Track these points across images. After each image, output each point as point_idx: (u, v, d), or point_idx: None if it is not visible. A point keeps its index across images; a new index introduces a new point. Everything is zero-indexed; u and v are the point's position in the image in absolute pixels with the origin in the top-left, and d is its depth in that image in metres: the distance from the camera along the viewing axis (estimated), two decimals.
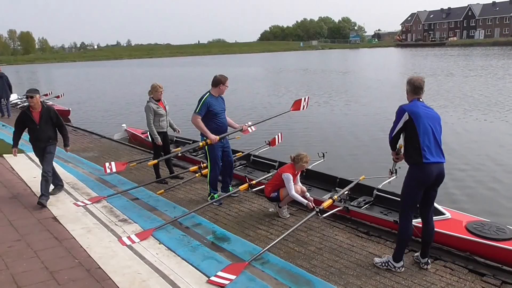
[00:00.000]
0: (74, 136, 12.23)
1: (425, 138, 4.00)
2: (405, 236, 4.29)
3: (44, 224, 5.66)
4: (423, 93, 4.24)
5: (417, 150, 4.01)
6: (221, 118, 6.43)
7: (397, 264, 4.35)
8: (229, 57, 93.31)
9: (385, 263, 4.41)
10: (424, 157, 3.98)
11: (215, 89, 6.36)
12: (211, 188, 6.58)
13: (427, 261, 4.42)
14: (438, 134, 4.09)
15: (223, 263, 4.56)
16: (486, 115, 15.12)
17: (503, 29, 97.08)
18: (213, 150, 6.37)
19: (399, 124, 4.11)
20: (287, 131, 9.40)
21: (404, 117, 4.06)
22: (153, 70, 55.03)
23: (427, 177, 4.04)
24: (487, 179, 8.71)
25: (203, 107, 6.22)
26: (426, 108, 4.16)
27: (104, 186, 7.39)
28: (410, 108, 4.09)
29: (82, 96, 26.89)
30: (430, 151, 4.00)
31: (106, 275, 4.31)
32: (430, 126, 4.04)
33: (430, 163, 4.00)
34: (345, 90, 24.50)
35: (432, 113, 4.16)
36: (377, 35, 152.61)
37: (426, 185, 4.10)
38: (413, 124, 4.02)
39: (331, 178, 7.30)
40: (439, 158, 4.06)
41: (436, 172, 4.05)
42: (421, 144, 3.99)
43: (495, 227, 5.01)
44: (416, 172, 4.09)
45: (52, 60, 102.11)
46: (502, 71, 31.18)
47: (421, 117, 4.02)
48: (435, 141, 4.05)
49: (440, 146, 4.10)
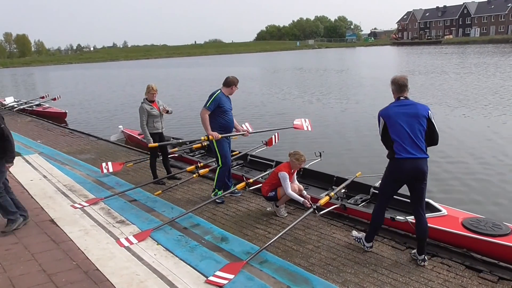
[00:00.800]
0: (71, 139, 12.23)
1: (396, 135, 4.26)
2: (375, 223, 4.69)
3: (42, 227, 5.65)
4: (407, 90, 4.45)
5: (391, 147, 4.33)
6: (230, 116, 6.54)
7: (367, 244, 4.75)
8: (226, 57, 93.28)
9: (358, 238, 4.84)
10: (396, 153, 4.27)
11: (227, 89, 6.46)
12: (217, 185, 6.59)
13: (424, 258, 4.46)
14: (415, 130, 4.24)
15: (221, 262, 4.56)
16: (481, 111, 15.18)
17: (498, 26, 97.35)
18: (222, 146, 6.45)
19: (380, 127, 4.45)
20: (284, 131, 9.39)
21: (381, 121, 4.41)
22: (149, 71, 55.00)
23: (400, 171, 4.30)
24: (482, 176, 8.74)
25: (214, 103, 6.29)
26: (402, 107, 4.34)
27: (101, 187, 7.38)
28: (383, 112, 4.42)
29: (79, 98, 26.83)
30: (402, 147, 4.24)
31: (104, 277, 4.31)
32: (403, 124, 4.25)
33: (403, 158, 4.24)
34: (340, 89, 24.54)
35: (411, 111, 4.30)
36: (374, 34, 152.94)
37: (401, 179, 4.37)
38: (386, 125, 4.35)
39: (328, 177, 7.31)
40: (414, 153, 4.22)
41: (410, 167, 4.24)
42: (393, 141, 4.29)
43: (491, 223, 5.04)
44: (390, 166, 4.43)
45: (49, 62, 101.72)
46: (494, 68, 31.38)
47: (391, 117, 4.32)
48: (409, 138, 4.23)
49: (417, 142, 4.24)
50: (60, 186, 7.44)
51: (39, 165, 8.95)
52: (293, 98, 21.92)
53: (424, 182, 4.34)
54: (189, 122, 15.96)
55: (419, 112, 4.29)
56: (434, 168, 9.35)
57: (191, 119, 16.76)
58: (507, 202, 7.46)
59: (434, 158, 10.06)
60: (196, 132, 14.11)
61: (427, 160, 4.32)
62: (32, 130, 13.80)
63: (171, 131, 12.11)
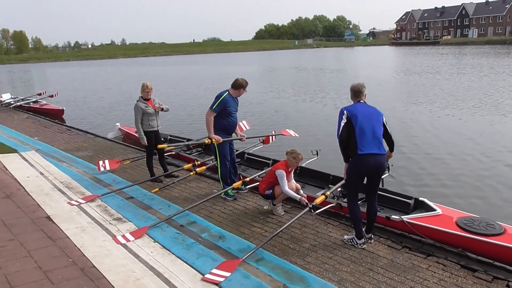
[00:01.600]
0: (68, 136, 12.21)
1: (360, 132, 4.55)
2: (355, 216, 4.84)
3: (38, 224, 5.64)
4: (364, 96, 4.89)
5: (354, 144, 4.57)
6: (234, 118, 6.58)
7: (359, 241, 4.86)
8: (224, 55, 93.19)
9: (350, 239, 4.94)
10: (359, 149, 4.55)
11: (235, 91, 6.49)
12: (223, 184, 6.67)
13: (370, 236, 4.97)
14: (376, 129, 4.62)
15: (218, 260, 4.57)
16: (476, 112, 15.25)
17: (496, 28, 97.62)
18: (221, 147, 6.49)
19: (341, 123, 4.67)
20: (281, 129, 9.43)
21: (344, 117, 4.65)
22: (147, 69, 54.89)
23: (363, 166, 4.62)
24: (476, 176, 8.79)
25: (220, 105, 6.32)
26: (364, 108, 4.75)
27: (98, 185, 7.38)
28: (349, 109, 4.71)
29: (76, 96, 26.77)
30: (364, 144, 4.54)
31: (100, 274, 4.31)
32: (366, 123, 4.59)
33: (365, 154, 4.54)
34: (337, 88, 24.58)
35: (371, 112, 4.73)
36: (372, 34, 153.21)
37: (364, 173, 4.71)
38: (351, 122, 4.60)
39: (325, 176, 7.34)
40: (375, 150, 4.57)
41: (372, 162, 4.59)
42: (357, 139, 4.55)
43: (485, 222, 5.07)
44: (353, 162, 4.69)
45: (46, 59, 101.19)
46: (487, 69, 31.62)
47: (357, 116, 4.61)
48: (372, 136, 4.57)
49: (379, 140, 4.63)
50: (57, 183, 7.42)
51: (36, 162, 8.93)
52: (289, 96, 21.98)
53: (382, 175, 4.87)
54: (183, 119, 15.98)
55: (377, 116, 4.73)
56: (429, 167, 9.41)
57: (186, 117, 16.78)
58: (501, 201, 7.51)
59: (430, 157, 10.13)
60: (191, 130, 14.16)
61: (386, 156, 4.77)
62: (29, 127, 13.76)
63: (166, 129, 12.10)
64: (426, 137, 12.03)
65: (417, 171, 9.22)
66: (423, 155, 10.30)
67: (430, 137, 12.04)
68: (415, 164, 9.63)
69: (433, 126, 13.46)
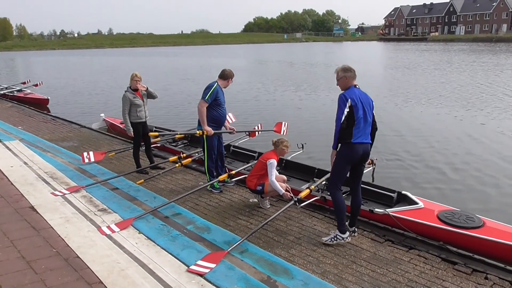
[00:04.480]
0: (53, 125, 12.05)
1: (358, 121, 4.51)
2: (339, 205, 4.73)
3: (21, 214, 5.59)
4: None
5: (349, 132, 4.51)
6: (224, 109, 6.60)
7: (344, 235, 4.76)
8: (213, 47, 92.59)
9: (333, 238, 4.78)
10: (354, 137, 4.52)
11: (224, 82, 6.52)
12: (209, 176, 6.67)
13: (354, 229, 5.00)
14: (368, 118, 4.61)
15: (203, 252, 4.59)
16: (458, 108, 15.48)
17: (483, 25, 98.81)
18: (210, 140, 6.50)
19: (344, 111, 4.49)
20: (267, 123, 9.45)
21: (348, 105, 4.49)
22: (135, 60, 54.29)
23: (355, 154, 4.59)
24: (457, 169, 8.97)
25: (212, 96, 6.33)
26: (364, 96, 4.64)
27: (83, 175, 7.32)
28: (352, 97, 4.53)
29: (61, 85, 26.36)
30: (359, 133, 4.53)
31: (84, 264, 4.30)
32: (365, 113, 4.56)
33: (357, 143, 4.55)
34: (324, 82, 24.63)
35: (368, 99, 4.66)
36: (361, 29, 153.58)
37: (353, 162, 4.66)
38: (353, 112, 4.49)
39: (310, 169, 7.40)
40: (365, 138, 4.61)
41: (361, 150, 4.60)
42: (353, 128, 4.51)
43: (465, 215, 5.19)
44: (345, 150, 4.61)
45: (31, 47, 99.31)
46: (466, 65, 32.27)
47: (358, 106, 4.51)
48: (365, 124, 4.58)
49: (369, 128, 4.65)
50: (41, 173, 7.34)
51: (19, 151, 8.81)
52: (276, 89, 21.95)
53: (365, 163, 4.89)
54: (170, 111, 15.90)
55: (371, 102, 4.70)
56: (412, 161, 9.55)
57: (172, 108, 16.68)
58: (480, 194, 7.68)
59: (412, 151, 10.27)
60: (176, 121, 14.06)
61: (370, 144, 4.77)
62: (13, 116, 13.55)
63: (150, 121, 11.99)
64: (408, 132, 12.19)
65: (399, 164, 9.35)
66: (405, 149, 10.44)
67: (412, 132, 12.21)
68: (398, 158, 9.77)
69: (415, 121, 13.64)
